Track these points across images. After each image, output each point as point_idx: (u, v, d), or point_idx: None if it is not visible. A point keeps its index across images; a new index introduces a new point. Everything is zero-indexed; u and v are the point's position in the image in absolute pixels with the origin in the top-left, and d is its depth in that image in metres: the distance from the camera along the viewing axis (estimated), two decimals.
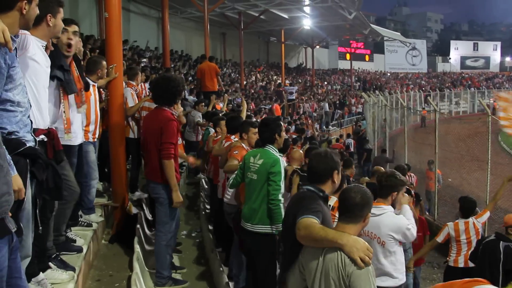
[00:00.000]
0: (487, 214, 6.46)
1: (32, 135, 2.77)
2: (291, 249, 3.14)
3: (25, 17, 2.61)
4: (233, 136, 5.96)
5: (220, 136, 6.65)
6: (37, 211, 2.93)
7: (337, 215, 3.20)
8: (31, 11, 2.65)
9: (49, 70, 3.33)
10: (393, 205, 4.14)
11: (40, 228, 3.05)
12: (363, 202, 2.79)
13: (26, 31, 2.95)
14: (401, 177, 4.19)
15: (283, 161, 4.41)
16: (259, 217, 4.29)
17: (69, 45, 4.17)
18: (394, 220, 4.06)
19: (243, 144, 5.32)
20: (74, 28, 4.27)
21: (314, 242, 2.81)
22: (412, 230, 4.10)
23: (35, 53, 3.10)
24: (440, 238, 6.24)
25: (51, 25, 3.27)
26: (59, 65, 3.74)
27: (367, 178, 9.30)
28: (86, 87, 4.75)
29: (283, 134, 4.57)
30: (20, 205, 2.37)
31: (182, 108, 7.31)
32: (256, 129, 5.19)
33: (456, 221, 6.28)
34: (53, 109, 3.74)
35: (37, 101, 3.14)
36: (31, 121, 2.78)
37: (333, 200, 4.50)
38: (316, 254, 2.76)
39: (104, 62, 5.52)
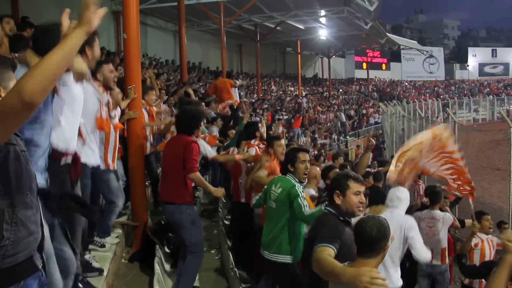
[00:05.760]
0: None
1: (42, 175, 2.78)
2: (313, 277, 3.11)
3: None
4: (253, 140, 6.15)
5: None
6: (69, 238, 2.96)
7: None
8: None
9: (82, 96, 3.48)
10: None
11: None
12: (379, 236, 2.68)
13: None
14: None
15: (299, 187, 4.34)
16: (277, 246, 4.26)
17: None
18: None
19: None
20: None
21: (324, 275, 2.77)
22: None
23: (73, 82, 3.26)
24: None
25: (89, 56, 3.47)
26: None
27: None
28: None
29: (301, 165, 4.39)
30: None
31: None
32: (280, 141, 5.42)
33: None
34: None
35: (71, 126, 3.31)
36: (46, 161, 2.81)
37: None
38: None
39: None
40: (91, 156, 4.48)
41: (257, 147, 6.20)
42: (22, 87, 1.71)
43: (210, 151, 5.82)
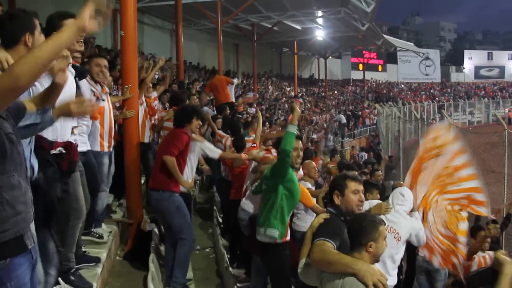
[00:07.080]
0: None
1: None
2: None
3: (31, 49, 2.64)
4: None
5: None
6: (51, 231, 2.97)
7: None
8: (36, 41, 2.70)
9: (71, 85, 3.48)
10: None
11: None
12: (357, 228, 2.78)
13: None
14: None
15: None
16: (267, 223, 4.32)
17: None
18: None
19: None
20: None
21: (327, 265, 2.78)
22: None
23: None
24: None
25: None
26: None
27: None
28: None
29: (294, 152, 4.48)
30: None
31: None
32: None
33: None
34: None
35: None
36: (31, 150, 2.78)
37: None
38: (335, 276, 2.72)
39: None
40: (81, 142, 4.49)
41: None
42: (12, 70, 1.81)
43: (213, 151, 5.77)
